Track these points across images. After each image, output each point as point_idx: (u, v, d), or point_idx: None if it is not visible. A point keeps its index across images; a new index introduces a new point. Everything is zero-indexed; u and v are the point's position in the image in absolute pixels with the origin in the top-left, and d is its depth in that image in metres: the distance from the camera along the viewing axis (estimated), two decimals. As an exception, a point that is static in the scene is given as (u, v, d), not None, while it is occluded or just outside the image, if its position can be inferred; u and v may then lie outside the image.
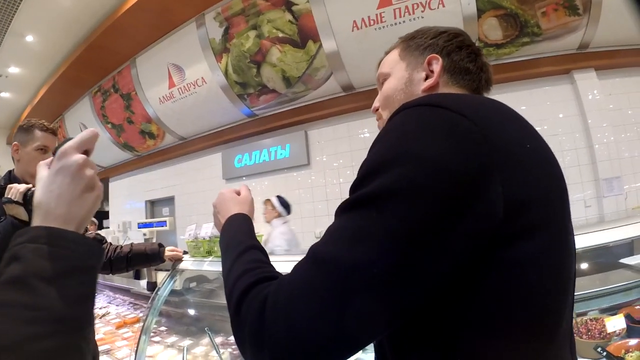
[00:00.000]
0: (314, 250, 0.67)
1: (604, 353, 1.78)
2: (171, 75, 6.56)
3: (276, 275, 0.78)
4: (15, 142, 2.16)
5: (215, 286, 4.29)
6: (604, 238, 1.57)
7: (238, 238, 1.02)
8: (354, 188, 0.69)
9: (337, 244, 0.64)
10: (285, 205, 5.35)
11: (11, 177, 2.15)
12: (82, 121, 9.04)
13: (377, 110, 1.11)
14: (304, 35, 5.09)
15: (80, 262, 0.61)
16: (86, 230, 2.64)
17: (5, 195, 1.86)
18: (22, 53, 7.70)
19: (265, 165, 6.68)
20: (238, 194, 1.25)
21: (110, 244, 2.69)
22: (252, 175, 6.91)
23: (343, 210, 0.68)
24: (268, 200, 5.41)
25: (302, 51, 5.23)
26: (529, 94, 5.04)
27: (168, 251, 2.66)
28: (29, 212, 1.84)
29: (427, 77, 0.99)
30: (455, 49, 1.00)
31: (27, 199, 1.85)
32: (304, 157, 6.28)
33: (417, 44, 1.03)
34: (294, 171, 6.40)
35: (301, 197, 6.33)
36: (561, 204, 0.75)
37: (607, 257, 2.23)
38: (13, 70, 8.39)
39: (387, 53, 1.13)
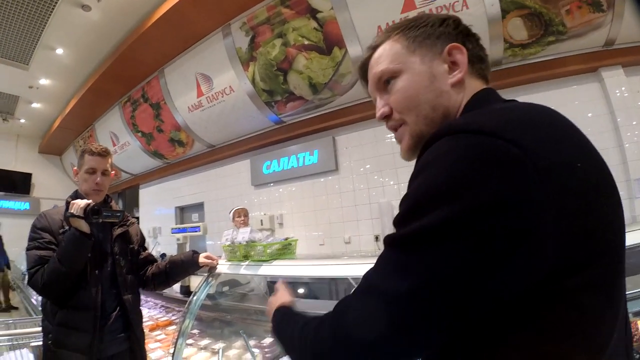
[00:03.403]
0: (365, 277, 0.75)
1: (637, 356, 1.77)
2: (199, 85, 6.68)
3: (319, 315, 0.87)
4: (74, 168, 2.51)
5: (247, 290, 4.37)
6: (636, 239, 1.48)
7: (286, 319, 1.08)
8: (399, 221, 0.71)
9: (382, 275, 0.71)
10: None
11: (77, 195, 2.42)
12: (112, 130, 9.27)
13: (388, 116, 0.99)
14: (330, 42, 5.14)
15: None
16: (144, 248, 2.85)
17: (69, 210, 2.18)
18: (53, 65, 7.98)
19: (293, 172, 6.72)
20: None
21: (157, 264, 2.81)
22: (281, 181, 6.98)
23: (390, 243, 0.72)
24: None
25: (328, 58, 5.28)
26: (556, 94, 4.91)
27: (202, 257, 2.74)
28: (89, 224, 2.21)
29: (450, 70, 0.91)
30: (466, 36, 0.94)
31: (86, 213, 2.17)
32: (332, 163, 6.30)
33: (426, 33, 0.93)
34: (322, 177, 6.43)
35: (330, 202, 6.37)
36: (619, 225, 0.70)
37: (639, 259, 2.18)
38: (44, 82, 8.68)
39: (374, 47, 1.01)
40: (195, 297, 2.84)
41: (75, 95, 8.98)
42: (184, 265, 2.73)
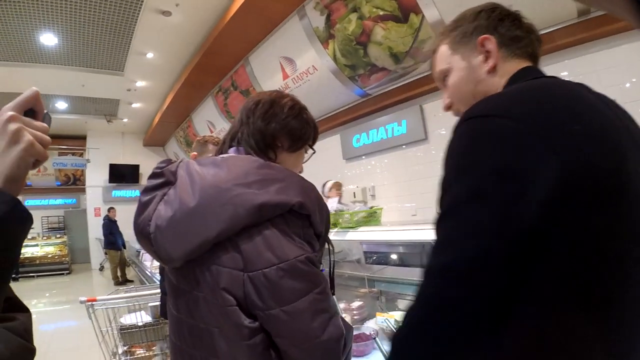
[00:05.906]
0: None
1: None
2: (283, 68, 6.84)
3: None
4: (194, 153, 2.68)
5: (339, 258, 4.54)
6: None
7: None
8: (440, 199, 0.79)
9: (435, 250, 0.76)
10: None
11: None
12: (208, 119, 9.76)
13: (451, 106, 1.15)
14: (405, 9, 5.00)
15: None
16: None
17: None
18: (145, 68, 8.59)
19: (383, 143, 6.68)
20: None
21: None
22: (371, 153, 6.99)
23: (438, 222, 0.78)
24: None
25: (406, 25, 5.14)
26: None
27: None
28: None
29: (486, 59, 1.03)
30: (498, 22, 1.04)
31: None
32: (421, 132, 6.14)
33: (462, 32, 1.07)
34: (412, 147, 6.33)
35: (421, 172, 6.22)
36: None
37: None
38: (140, 84, 9.33)
39: (434, 52, 1.17)
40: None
41: (171, 92, 9.58)
42: None
